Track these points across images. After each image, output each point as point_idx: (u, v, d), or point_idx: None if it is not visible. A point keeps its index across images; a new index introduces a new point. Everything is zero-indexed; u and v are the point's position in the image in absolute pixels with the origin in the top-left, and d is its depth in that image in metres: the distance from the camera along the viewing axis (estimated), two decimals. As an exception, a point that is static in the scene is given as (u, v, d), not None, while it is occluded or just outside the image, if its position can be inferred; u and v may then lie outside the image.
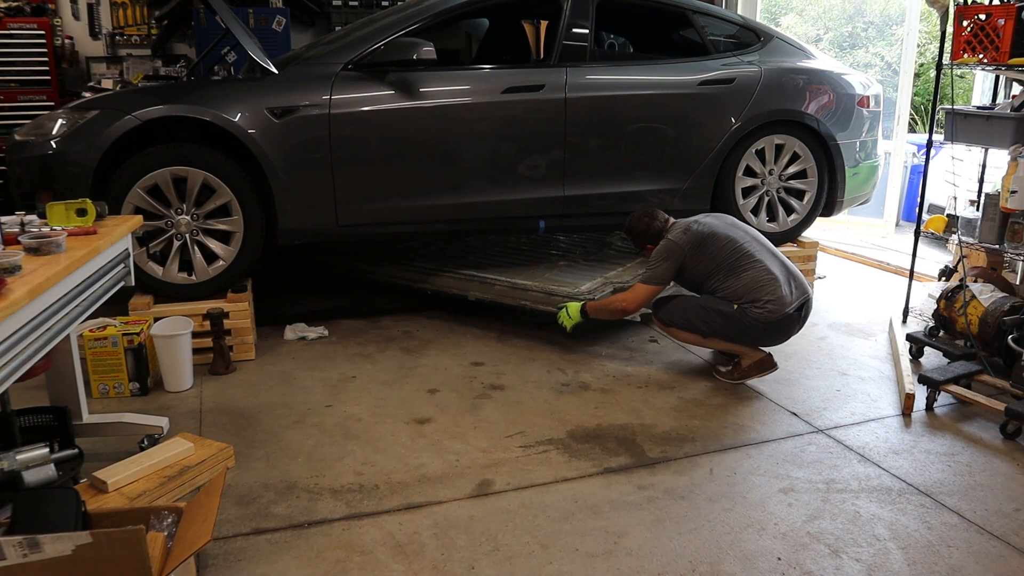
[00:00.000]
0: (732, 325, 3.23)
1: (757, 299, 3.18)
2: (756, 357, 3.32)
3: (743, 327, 3.22)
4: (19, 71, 5.50)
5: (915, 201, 6.02)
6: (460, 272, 4.02)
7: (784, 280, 3.24)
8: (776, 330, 3.25)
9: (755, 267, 3.23)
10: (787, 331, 3.30)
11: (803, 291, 3.29)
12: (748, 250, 3.28)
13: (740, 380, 3.33)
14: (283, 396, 3.21)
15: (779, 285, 3.20)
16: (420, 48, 3.56)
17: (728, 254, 3.26)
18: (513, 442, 2.82)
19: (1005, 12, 3.48)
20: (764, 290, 3.18)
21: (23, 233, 2.14)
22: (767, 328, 3.21)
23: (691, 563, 2.15)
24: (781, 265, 3.30)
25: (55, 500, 1.96)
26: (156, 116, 3.32)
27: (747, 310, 3.18)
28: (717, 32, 4.44)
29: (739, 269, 3.23)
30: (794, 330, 3.32)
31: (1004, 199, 3.48)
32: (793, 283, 3.26)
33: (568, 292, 3.65)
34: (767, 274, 3.22)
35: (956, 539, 2.28)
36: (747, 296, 3.19)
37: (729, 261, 3.25)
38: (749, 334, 3.25)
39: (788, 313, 3.20)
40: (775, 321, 3.19)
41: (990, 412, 3.04)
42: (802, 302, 3.27)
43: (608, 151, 4.02)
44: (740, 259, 3.25)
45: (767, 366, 3.32)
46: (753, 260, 3.25)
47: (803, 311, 3.30)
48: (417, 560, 2.15)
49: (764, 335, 3.26)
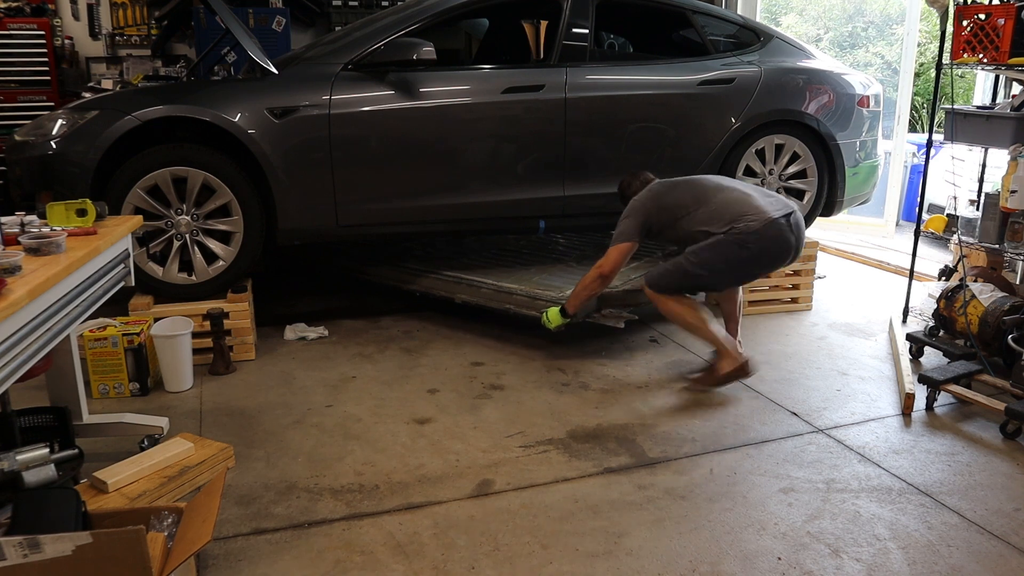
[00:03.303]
0: (727, 252, 3.09)
1: (736, 216, 3.09)
2: (737, 361, 3.24)
3: (738, 249, 3.08)
4: (19, 71, 5.50)
5: (915, 201, 6.02)
6: (448, 274, 4.01)
7: (759, 196, 3.20)
8: (771, 243, 3.11)
9: (726, 192, 3.21)
10: (783, 243, 3.14)
11: (783, 204, 3.20)
12: (716, 183, 3.30)
13: (715, 387, 3.27)
14: (283, 396, 3.21)
15: (754, 199, 3.15)
16: (420, 48, 3.57)
17: (695, 188, 3.28)
18: (513, 442, 2.83)
19: (1005, 12, 3.48)
20: (740, 206, 3.12)
21: (23, 233, 2.14)
22: (760, 241, 3.07)
23: (691, 563, 2.15)
24: (754, 188, 3.29)
25: (55, 500, 1.96)
26: (156, 116, 3.32)
27: (733, 229, 3.07)
28: (717, 32, 4.44)
29: (709, 198, 3.20)
30: (791, 242, 3.16)
31: (1004, 199, 3.48)
32: (770, 199, 3.21)
33: (552, 296, 3.60)
34: (739, 194, 3.19)
35: (956, 539, 2.28)
36: (726, 217, 3.10)
37: (697, 194, 3.24)
38: (747, 254, 3.09)
39: (774, 218, 3.08)
40: (764, 230, 3.06)
41: (990, 412, 3.05)
42: (787, 211, 3.15)
43: (608, 151, 4.02)
44: (708, 189, 3.25)
45: (746, 371, 3.26)
46: (723, 188, 3.24)
47: (791, 219, 3.15)
48: (417, 560, 2.15)
49: (762, 251, 3.11)
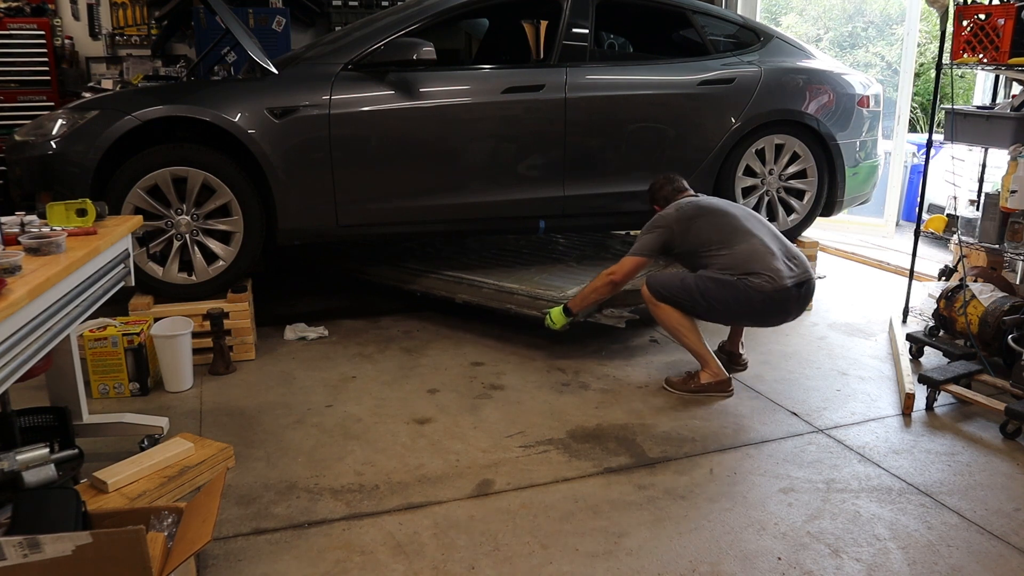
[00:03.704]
0: (731, 295, 3.10)
1: (753, 271, 3.09)
2: (718, 376, 3.23)
3: (742, 297, 3.09)
4: (19, 71, 5.49)
5: (915, 201, 6.02)
6: (449, 274, 4.01)
7: (781, 255, 3.17)
8: (774, 305, 3.13)
9: (750, 241, 3.16)
10: (785, 308, 3.17)
11: (803, 269, 3.19)
12: (745, 225, 3.22)
13: (694, 393, 3.24)
14: (283, 396, 3.21)
15: (776, 259, 3.14)
16: (420, 48, 3.57)
17: (722, 226, 3.22)
18: (513, 442, 2.83)
19: (1005, 12, 3.48)
20: (760, 263, 3.10)
21: (23, 233, 2.14)
22: (765, 301, 3.09)
23: (691, 563, 2.15)
24: (779, 243, 3.24)
25: (55, 500, 1.96)
26: (156, 116, 3.32)
27: (745, 280, 3.10)
28: (717, 32, 4.44)
29: (733, 242, 3.16)
30: (792, 309, 3.19)
31: (1004, 199, 3.48)
32: (792, 261, 3.19)
33: (554, 296, 3.61)
34: (763, 247, 3.15)
35: (956, 539, 2.28)
36: (742, 268, 3.11)
37: (723, 234, 3.19)
38: (748, 306, 3.12)
39: (786, 286, 3.09)
40: (773, 293, 3.07)
41: (990, 412, 3.05)
42: (802, 279, 3.16)
43: (608, 151, 4.02)
44: (735, 231, 3.19)
45: (725, 388, 3.24)
46: (750, 235, 3.19)
47: (803, 289, 3.17)
48: (417, 560, 2.15)
49: (763, 309, 3.13)
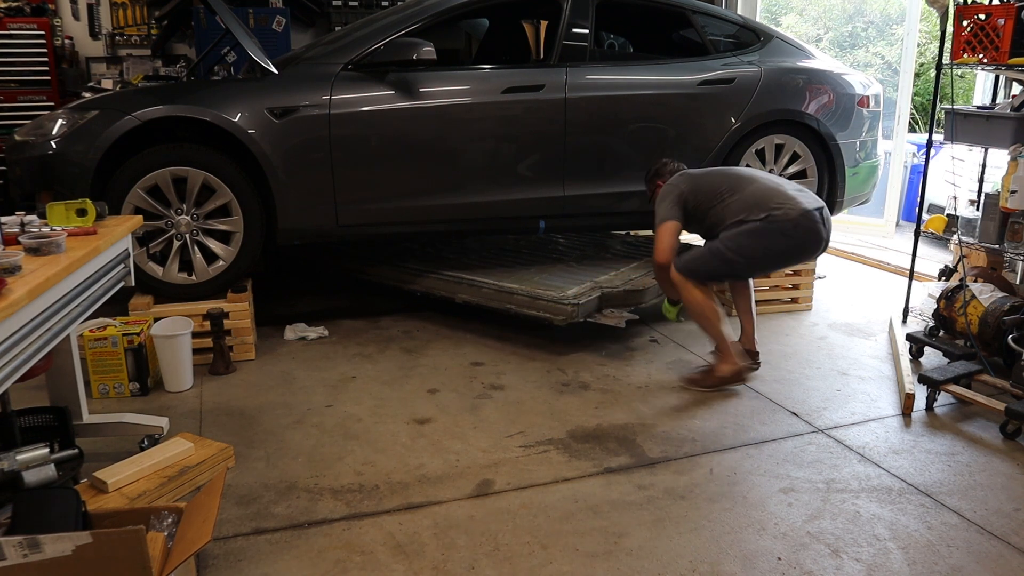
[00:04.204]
0: (764, 240, 3.16)
1: (772, 205, 3.17)
2: (735, 366, 3.25)
3: (775, 235, 3.15)
4: (19, 71, 5.50)
5: (915, 201, 6.02)
6: (449, 274, 3.99)
7: (791, 188, 3.30)
8: (805, 231, 3.17)
9: (755, 183, 3.29)
10: (817, 234, 3.20)
11: (814, 197, 3.30)
12: (747, 173, 3.41)
13: (710, 388, 3.27)
14: (283, 396, 3.21)
15: (786, 189, 3.26)
16: (420, 48, 3.57)
17: (727, 175, 3.40)
18: (513, 442, 2.83)
19: (1005, 12, 3.48)
20: (774, 197, 3.20)
21: (23, 233, 2.14)
22: (797, 228, 3.14)
23: (691, 563, 2.15)
24: (782, 180, 3.38)
25: (55, 500, 1.96)
26: (156, 116, 3.32)
27: (771, 216, 3.15)
28: (717, 32, 4.44)
29: (741, 186, 3.28)
30: (823, 234, 3.22)
31: (1004, 199, 3.48)
32: (802, 192, 3.29)
33: (554, 296, 3.60)
34: (770, 183, 3.29)
35: (956, 539, 2.28)
36: (761, 206, 3.18)
37: (730, 181, 3.32)
38: (783, 241, 3.17)
39: (808, 209, 3.16)
40: (800, 219, 3.13)
41: (990, 412, 3.05)
42: (818, 205, 3.23)
43: (608, 151, 4.02)
44: (739, 178, 3.34)
45: (741, 377, 3.28)
46: (753, 178, 3.33)
47: (823, 213, 3.23)
48: (417, 560, 2.15)
49: (797, 238, 3.18)
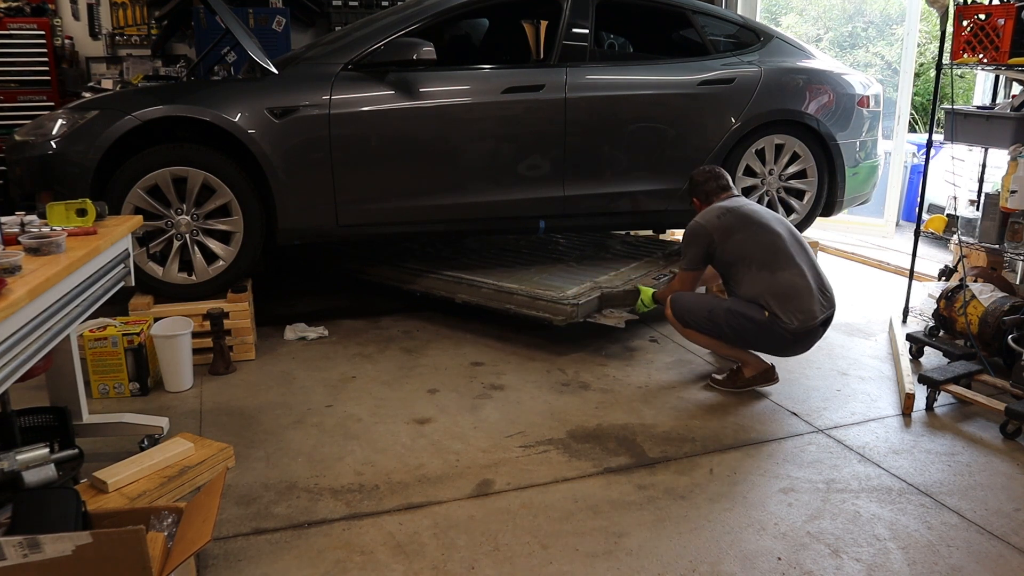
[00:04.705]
0: (760, 333, 3.12)
1: (788, 308, 3.06)
2: (760, 368, 3.26)
3: (771, 336, 3.11)
4: (19, 71, 5.50)
5: (915, 201, 6.02)
6: (449, 274, 4.00)
7: (817, 291, 3.13)
8: (802, 341, 3.16)
9: (792, 271, 3.11)
10: (810, 343, 3.20)
11: (831, 304, 3.19)
12: (789, 250, 3.16)
13: (741, 389, 3.28)
14: (283, 396, 3.21)
15: (812, 297, 3.10)
16: (420, 48, 3.57)
17: (766, 245, 3.15)
18: (513, 442, 2.83)
19: (1005, 12, 3.48)
20: (797, 301, 3.07)
21: (23, 233, 2.14)
22: (795, 337, 3.11)
23: (691, 563, 2.15)
24: (816, 274, 3.19)
25: (55, 500, 1.96)
26: (156, 116, 3.32)
27: (777, 319, 3.07)
28: (717, 32, 4.44)
29: (775, 266, 3.12)
30: (811, 343, 3.21)
31: (1004, 199, 3.48)
32: (823, 296, 3.16)
33: (553, 296, 3.60)
34: (803, 282, 3.11)
35: (956, 539, 2.28)
36: (777, 300, 3.08)
37: (766, 254, 3.14)
38: (775, 343, 3.14)
39: (815, 326, 3.11)
40: (799, 331, 3.08)
41: (990, 412, 3.05)
42: (827, 315, 3.17)
43: (608, 151, 4.01)
44: (777, 254, 3.14)
45: (770, 377, 3.27)
46: (792, 264, 3.13)
47: (827, 323, 3.21)
48: (417, 560, 2.15)
49: (790, 345, 3.16)
